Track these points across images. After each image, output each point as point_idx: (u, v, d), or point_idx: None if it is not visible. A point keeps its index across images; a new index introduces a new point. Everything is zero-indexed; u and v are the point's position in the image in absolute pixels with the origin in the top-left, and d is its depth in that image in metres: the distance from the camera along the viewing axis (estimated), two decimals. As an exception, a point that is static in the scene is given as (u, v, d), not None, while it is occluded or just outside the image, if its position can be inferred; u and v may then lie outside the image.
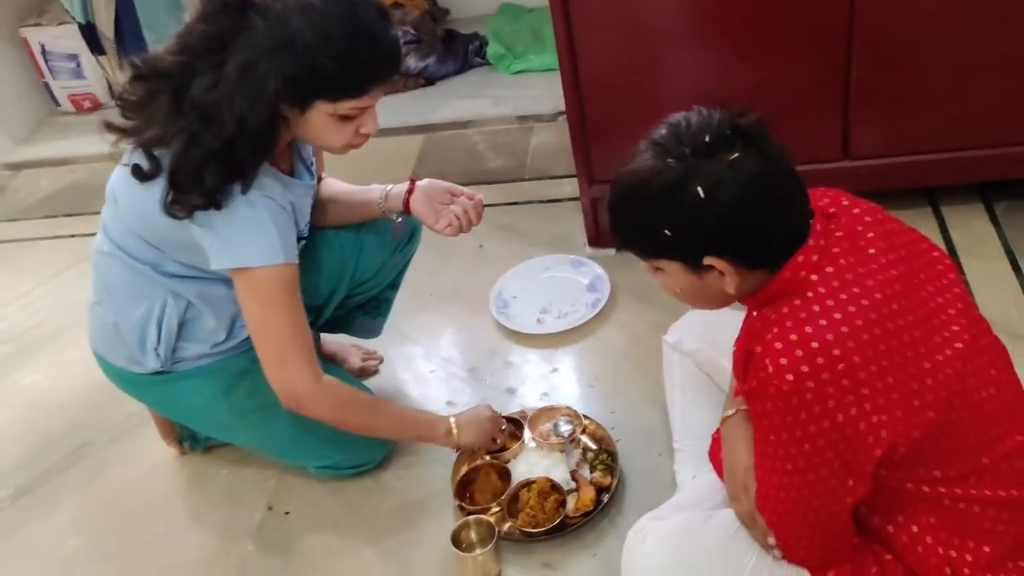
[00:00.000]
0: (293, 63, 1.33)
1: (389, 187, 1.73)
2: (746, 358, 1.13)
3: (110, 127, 1.46)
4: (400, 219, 1.74)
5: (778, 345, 1.06)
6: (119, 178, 1.52)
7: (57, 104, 3.33)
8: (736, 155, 1.08)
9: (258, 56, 1.33)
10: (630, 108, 1.99)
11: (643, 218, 1.14)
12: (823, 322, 1.06)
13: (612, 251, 2.20)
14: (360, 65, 1.36)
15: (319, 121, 1.41)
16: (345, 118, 1.42)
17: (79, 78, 3.23)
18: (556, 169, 2.56)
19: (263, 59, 1.33)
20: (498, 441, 1.71)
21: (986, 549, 1.17)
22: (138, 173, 1.42)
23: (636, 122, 1.91)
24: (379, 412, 1.64)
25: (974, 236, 2.05)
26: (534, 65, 3.00)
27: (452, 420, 1.65)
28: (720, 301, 1.21)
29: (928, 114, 1.97)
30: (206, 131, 1.37)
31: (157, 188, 1.41)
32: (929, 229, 2.06)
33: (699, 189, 1.08)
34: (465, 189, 1.73)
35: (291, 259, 1.46)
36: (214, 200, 1.39)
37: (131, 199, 1.49)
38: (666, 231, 1.12)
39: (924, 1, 1.84)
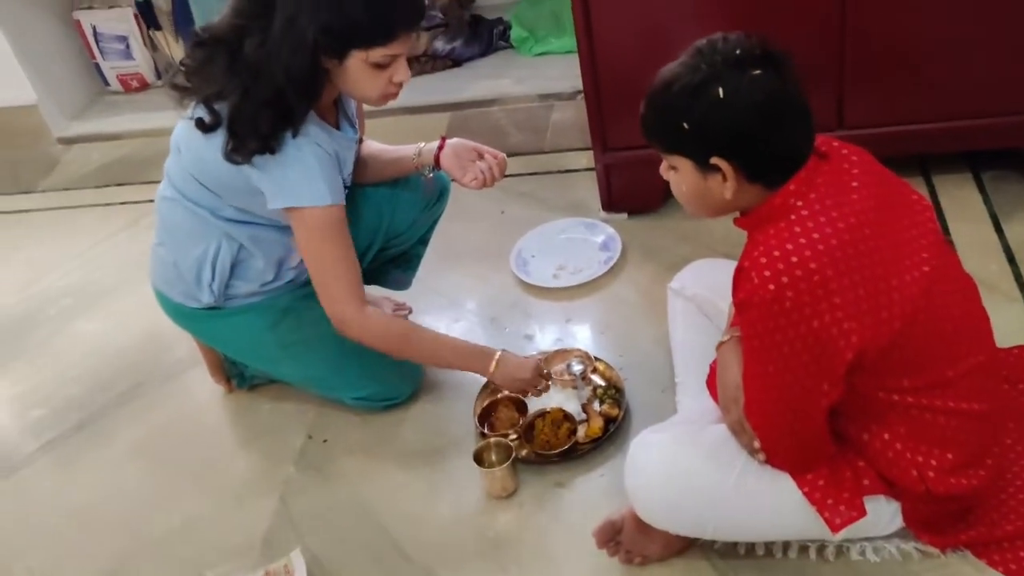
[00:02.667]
0: (327, 14, 1.50)
1: (422, 144, 1.90)
2: (738, 274, 1.28)
3: (175, 87, 1.64)
4: (431, 174, 1.91)
5: (763, 260, 1.21)
6: (183, 130, 1.70)
7: (106, 83, 3.51)
8: (759, 72, 1.22)
9: (298, 11, 1.51)
10: (641, 85, 2.12)
11: (668, 109, 1.27)
12: (802, 240, 1.20)
13: (624, 215, 2.36)
14: (386, 13, 1.53)
15: (356, 70, 1.57)
16: (378, 66, 1.57)
17: (128, 59, 3.40)
18: (573, 143, 2.71)
19: (302, 13, 1.50)
20: (527, 395, 1.84)
21: (949, 456, 1.32)
22: (201, 125, 1.60)
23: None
24: (411, 341, 1.78)
25: (962, 202, 2.17)
26: (554, 48, 3.12)
27: (495, 359, 1.76)
28: (717, 207, 1.33)
29: (919, 85, 2.07)
30: (258, 84, 1.54)
31: (218, 138, 1.60)
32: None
33: (719, 90, 1.22)
34: (490, 148, 1.89)
35: (337, 200, 1.64)
36: (268, 145, 1.56)
37: (194, 149, 1.67)
38: (684, 124, 1.25)
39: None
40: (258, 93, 1.55)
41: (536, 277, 2.22)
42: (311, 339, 1.83)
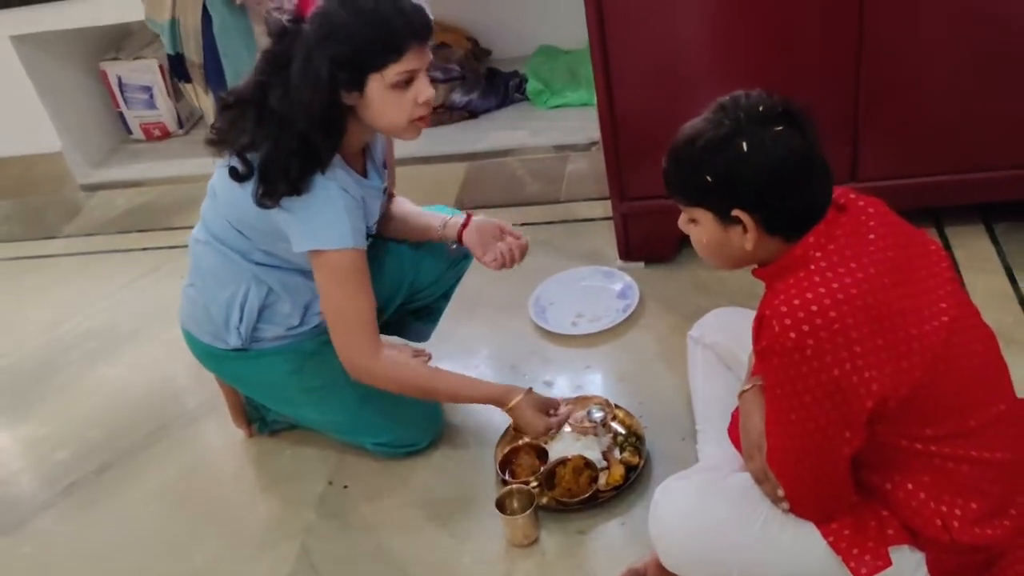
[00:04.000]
0: (336, 45, 1.55)
1: (448, 217, 1.92)
2: (758, 323, 1.30)
3: (211, 142, 1.69)
4: (455, 246, 1.95)
5: (783, 308, 1.22)
6: (219, 176, 1.75)
7: (129, 132, 3.59)
8: (781, 128, 1.26)
9: (310, 51, 1.57)
10: (659, 136, 2.16)
11: (692, 163, 1.30)
12: (822, 289, 1.22)
13: (641, 264, 2.39)
14: (391, 26, 1.56)
15: (378, 97, 1.60)
16: (398, 87, 1.60)
17: (151, 108, 3.49)
18: (589, 193, 2.75)
19: (314, 52, 1.56)
20: (543, 440, 1.85)
21: (974, 505, 1.32)
22: (234, 175, 1.65)
23: (664, 147, 2.14)
24: (432, 389, 1.82)
25: (975, 253, 2.20)
26: (570, 100, 3.18)
27: (513, 403, 1.77)
28: (737, 259, 1.36)
29: (932, 139, 2.11)
30: (285, 131, 1.60)
31: (250, 184, 1.64)
32: (934, 247, 2.23)
33: (743, 145, 1.25)
34: (513, 229, 1.92)
35: (359, 245, 1.67)
36: (296, 188, 1.61)
37: (228, 194, 1.72)
38: (708, 177, 1.27)
39: (927, 33, 1.99)
40: (286, 140, 1.60)
41: (555, 324, 2.25)
42: (333, 384, 1.85)
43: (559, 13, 3.16)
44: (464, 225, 1.90)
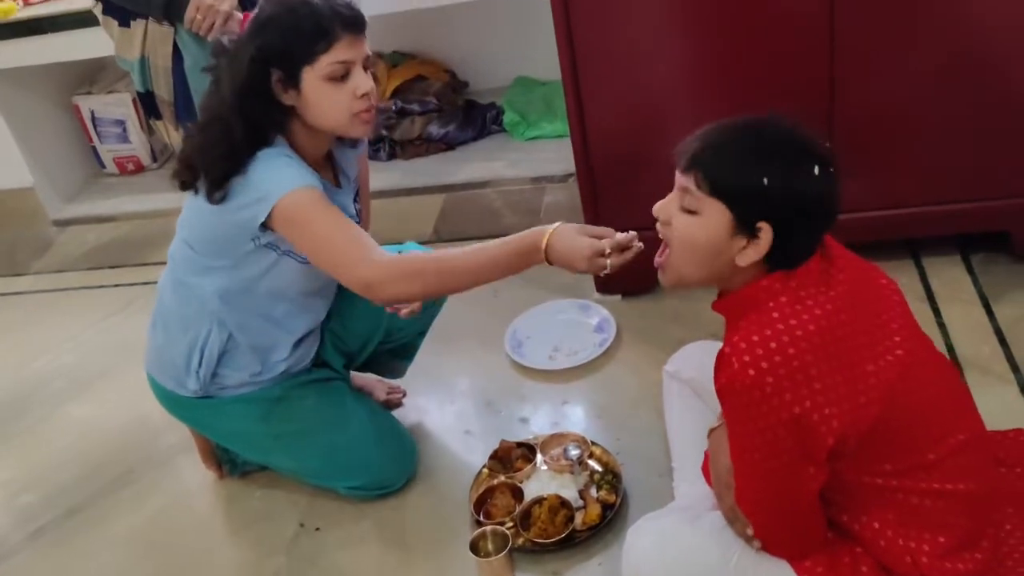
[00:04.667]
0: (263, 36, 1.57)
1: None
2: (718, 361, 1.28)
3: (175, 174, 1.70)
4: None
5: (742, 345, 1.21)
6: (184, 206, 1.74)
7: (103, 166, 3.56)
8: (832, 170, 1.26)
9: (238, 48, 1.59)
10: (633, 168, 2.18)
11: (760, 156, 1.24)
12: (780, 326, 1.22)
13: (618, 297, 2.37)
14: (318, 15, 1.56)
15: (314, 92, 1.59)
16: (333, 79, 1.58)
17: (124, 142, 3.46)
18: (567, 225, 2.75)
19: (242, 48, 1.59)
20: (607, 263, 1.48)
21: (941, 539, 1.31)
22: (182, 184, 1.66)
23: (638, 178, 2.14)
24: (451, 271, 1.58)
25: (952, 284, 2.19)
26: (546, 132, 3.18)
27: (550, 232, 1.50)
28: (716, 269, 1.30)
29: (907, 171, 2.12)
30: (215, 122, 1.60)
31: (202, 193, 1.63)
32: (910, 277, 2.22)
33: (815, 168, 1.24)
34: None
35: (310, 184, 1.59)
36: (237, 164, 1.58)
37: (187, 215, 1.72)
38: (765, 179, 1.22)
39: (900, 67, 1.99)
40: (218, 128, 1.59)
41: (531, 359, 2.22)
42: (303, 431, 1.82)
43: (535, 45, 3.16)
44: None
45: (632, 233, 1.42)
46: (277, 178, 1.58)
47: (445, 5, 2.81)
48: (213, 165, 1.59)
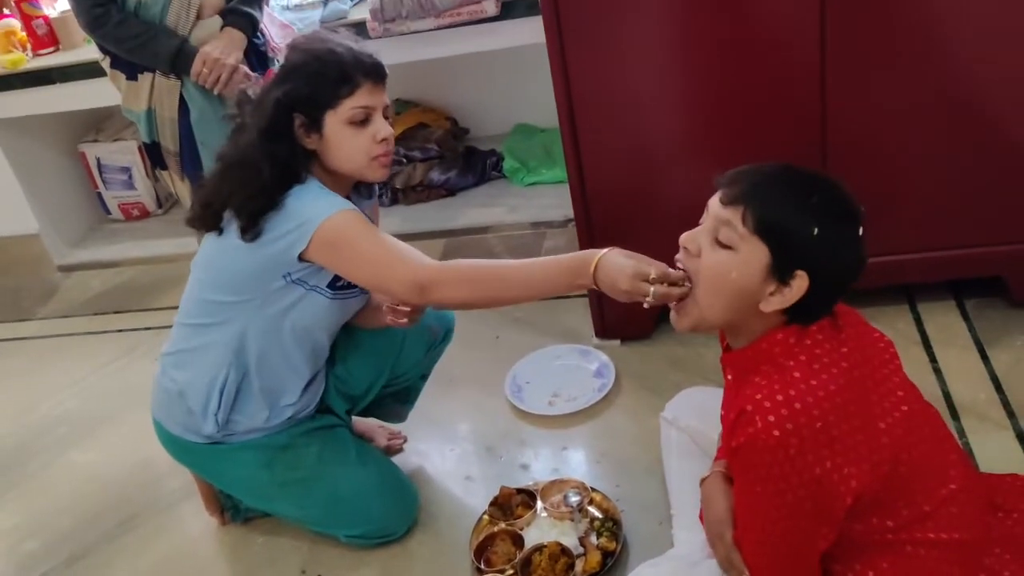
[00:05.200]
0: (289, 82, 1.65)
1: None
2: (736, 416, 1.27)
3: (190, 220, 1.76)
4: (436, 324, 1.97)
5: (767, 404, 1.21)
6: (200, 251, 1.79)
7: (108, 212, 3.61)
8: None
9: (264, 94, 1.67)
10: (630, 213, 2.21)
11: (813, 205, 1.24)
12: (803, 387, 1.23)
13: (617, 342, 2.40)
14: (342, 62, 1.64)
15: (336, 136, 1.66)
16: (354, 123, 1.66)
17: (130, 189, 3.51)
18: (566, 270, 2.78)
19: (268, 94, 1.67)
20: (651, 290, 1.38)
21: None
22: (204, 224, 1.71)
23: (636, 225, 2.17)
24: (501, 279, 1.58)
25: (947, 329, 2.21)
26: (546, 178, 3.22)
27: (592, 275, 1.46)
28: (740, 310, 1.29)
29: (902, 217, 2.14)
30: (247, 166, 1.65)
31: (226, 238, 1.68)
32: (905, 323, 2.25)
33: (859, 230, 1.27)
34: None
35: (348, 207, 1.65)
36: (272, 201, 1.63)
37: (205, 254, 1.76)
38: (815, 229, 1.22)
39: (891, 115, 2.03)
40: (246, 170, 1.64)
41: (531, 404, 2.24)
42: (307, 479, 1.84)
43: (534, 93, 3.21)
44: None
45: (684, 273, 1.37)
46: (316, 205, 1.63)
47: (447, 56, 2.87)
48: (246, 204, 1.64)
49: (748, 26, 1.98)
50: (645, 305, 1.40)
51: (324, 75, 1.64)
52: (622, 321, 2.38)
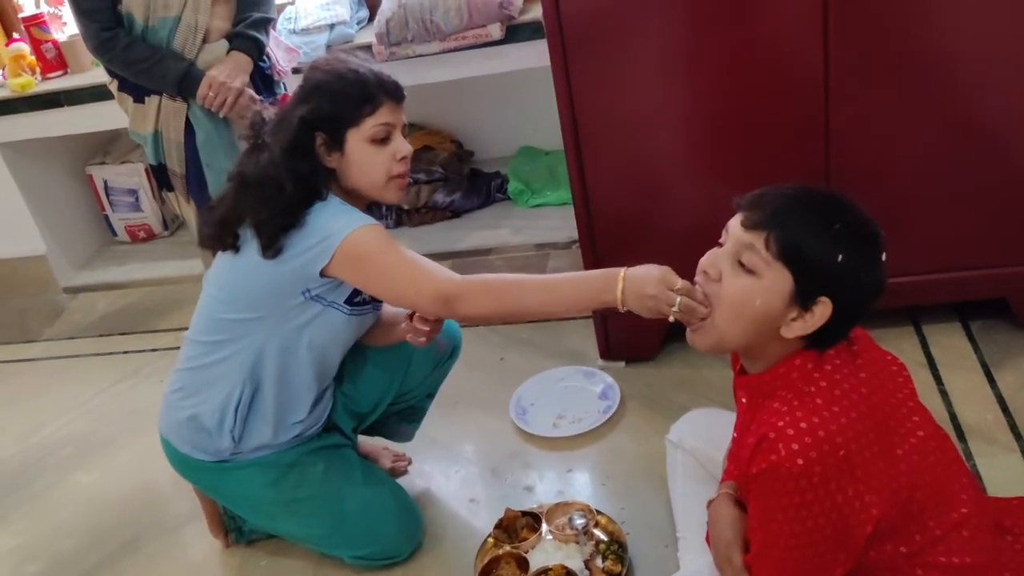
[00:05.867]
0: (313, 100, 1.66)
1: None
2: (756, 442, 1.25)
3: (202, 242, 1.78)
4: (443, 340, 1.96)
5: (790, 431, 1.20)
6: (212, 270, 1.79)
7: (114, 234, 3.62)
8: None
9: (286, 113, 1.69)
10: (634, 235, 2.21)
11: (839, 232, 1.23)
12: (826, 414, 1.22)
13: (622, 363, 2.39)
14: (365, 81, 1.67)
15: (357, 154, 1.68)
16: (375, 142, 1.68)
17: (137, 211, 3.53)
18: (571, 292, 2.77)
19: (289, 112, 1.68)
20: (677, 300, 1.37)
21: None
22: (222, 244, 1.71)
23: (640, 246, 2.18)
24: (525, 292, 1.59)
25: (953, 351, 2.21)
26: (550, 200, 3.23)
27: (619, 286, 1.46)
28: (759, 336, 1.29)
29: (907, 240, 2.10)
30: (267, 186, 1.66)
31: (243, 256, 1.69)
32: (911, 344, 2.24)
33: (883, 256, 1.27)
34: None
35: (371, 222, 1.66)
36: (294, 218, 1.64)
37: (220, 272, 1.76)
38: (840, 255, 1.22)
39: (895, 137, 2.03)
40: (267, 187, 1.65)
41: (535, 426, 2.24)
42: (312, 497, 1.83)
43: (539, 116, 3.23)
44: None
45: (705, 295, 1.35)
46: (339, 220, 1.65)
47: (452, 79, 2.89)
48: (269, 222, 1.64)
49: (751, 47, 1.99)
50: (671, 318, 1.38)
51: (347, 94, 1.67)
52: (627, 342, 2.38)
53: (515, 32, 2.74)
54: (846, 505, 1.20)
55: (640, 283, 1.43)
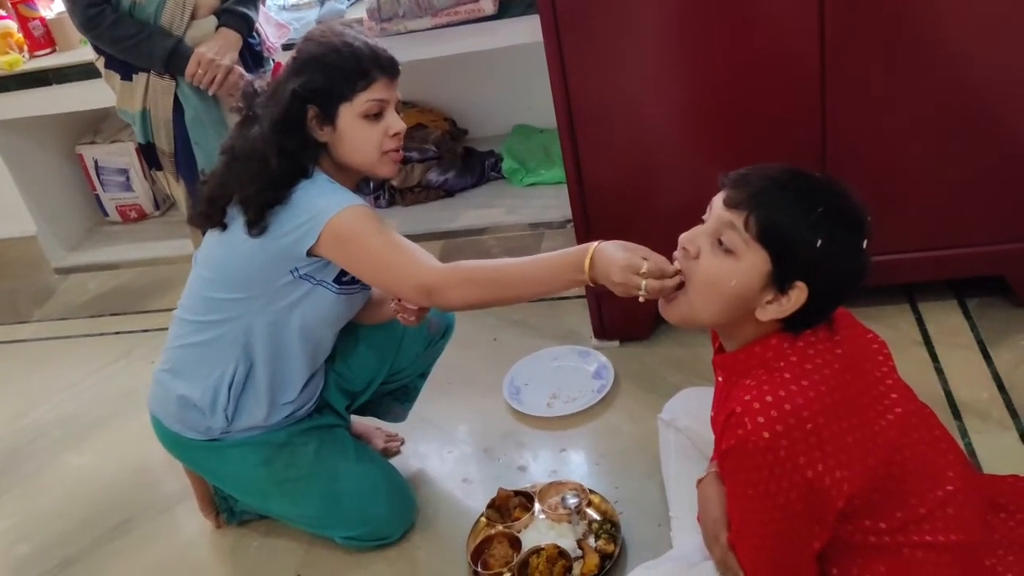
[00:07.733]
0: (306, 73, 1.63)
1: None
2: (725, 418, 1.26)
3: (192, 219, 1.77)
4: (436, 320, 1.95)
5: (756, 405, 1.19)
6: (200, 253, 1.77)
7: (105, 214, 3.59)
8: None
9: (278, 85, 1.66)
10: (629, 213, 2.20)
11: (820, 217, 1.20)
12: (794, 388, 1.21)
13: (616, 343, 2.38)
14: (359, 55, 1.64)
15: (349, 128, 1.65)
16: (368, 117, 1.65)
17: (128, 191, 3.50)
18: (565, 271, 2.76)
19: (282, 84, 1.65)
20: (643, 284, 1.35)
21: None
22: (210, 221, 1.69)
23: (634, 225, 2.15)
24: (506, 278, 1.57)
25: (949, 329, 2.19)
26: (544, 179, 3.21)
27: (586, 274, 1.44)
28: (735, 316, 1.28)
29: (902, 217, 2.12)
30: (254, 159, 1.63)
31: (231, 233, 1.67)
32: (907, 322, 2.23)
33: (864, 243, 1.24)
34: None
35: (358, 202, 1.64)
36: (280, 195, 1.61)
37: (208, 249, 1.74)
38: (818, 240, 1.19)
39: (891, 113, 2.01)
40: (253, 162, 1.63)
41: (529, 406, 2.22)
42: (304, 477, 1.82)
43: (533, 94, 3.20)
44: None
45: (677, 267, 1.33)
46: (326, 199, 1.62)
47: (444, 56, 2.85)
48: (254, 198, 1.62)
49: (747, 25, 1.97)
50: (640, 299, 1.37)
51: (341, 68, 1.64)
52: (621, 322, 2.36)
53: (508, 6, 2.71)
54: (816, 480, 1.19)
55: (606, 269, 1.41)
